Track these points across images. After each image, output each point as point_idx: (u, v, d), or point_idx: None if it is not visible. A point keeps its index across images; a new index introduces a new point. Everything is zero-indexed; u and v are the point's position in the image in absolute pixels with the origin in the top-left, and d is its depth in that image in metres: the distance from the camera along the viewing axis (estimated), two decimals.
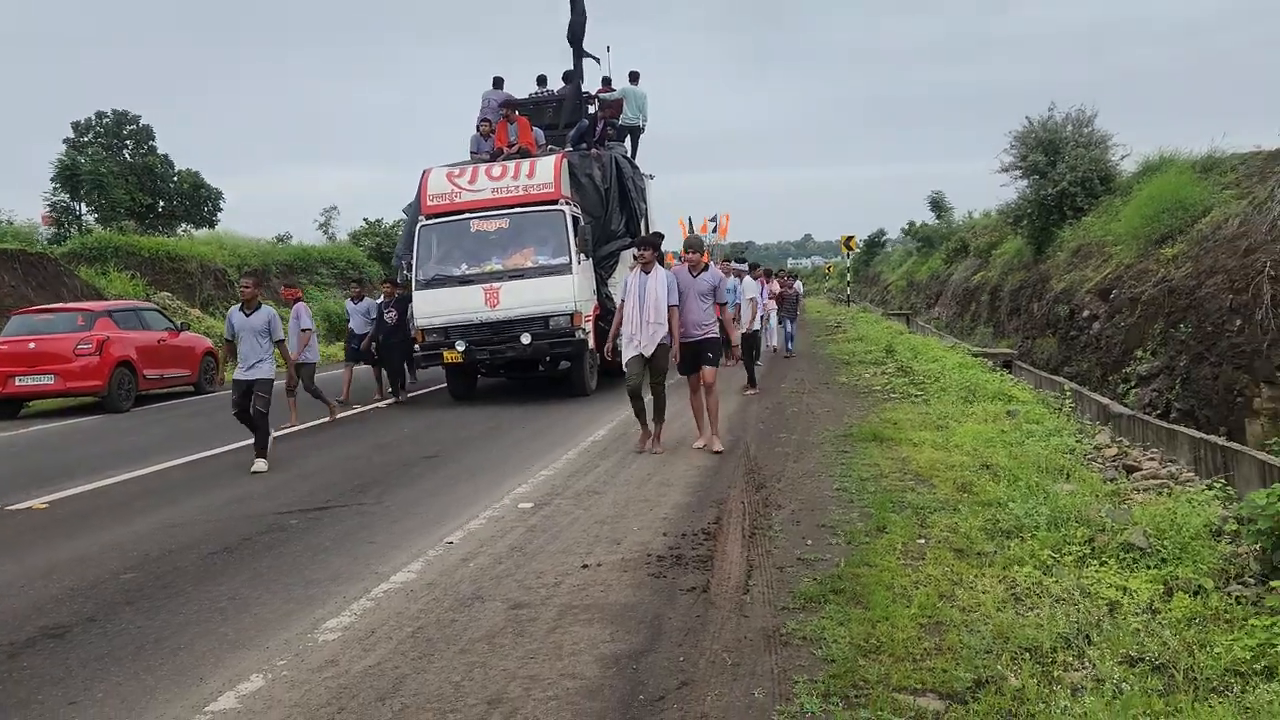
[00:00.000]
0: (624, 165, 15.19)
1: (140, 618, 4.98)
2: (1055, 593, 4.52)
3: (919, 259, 45.98)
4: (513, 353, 13.10)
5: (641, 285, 8.80)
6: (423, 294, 13.46)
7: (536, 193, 13.50)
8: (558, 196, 13.46)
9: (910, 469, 7.59)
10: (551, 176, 13.54)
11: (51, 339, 14.63)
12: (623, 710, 3.59)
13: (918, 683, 3.66)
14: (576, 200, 14.05)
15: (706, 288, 8.89)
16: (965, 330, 27.13)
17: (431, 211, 13.84)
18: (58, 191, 33.77)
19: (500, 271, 13.25)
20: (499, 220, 13.49)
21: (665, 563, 5.46)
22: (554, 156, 13.97)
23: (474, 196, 13.71)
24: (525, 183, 13.60)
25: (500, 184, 13.70)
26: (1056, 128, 21.89)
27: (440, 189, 13.84)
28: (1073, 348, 16.90)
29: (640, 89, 17.72)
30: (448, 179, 13.88)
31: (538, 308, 12.95)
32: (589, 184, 14.34)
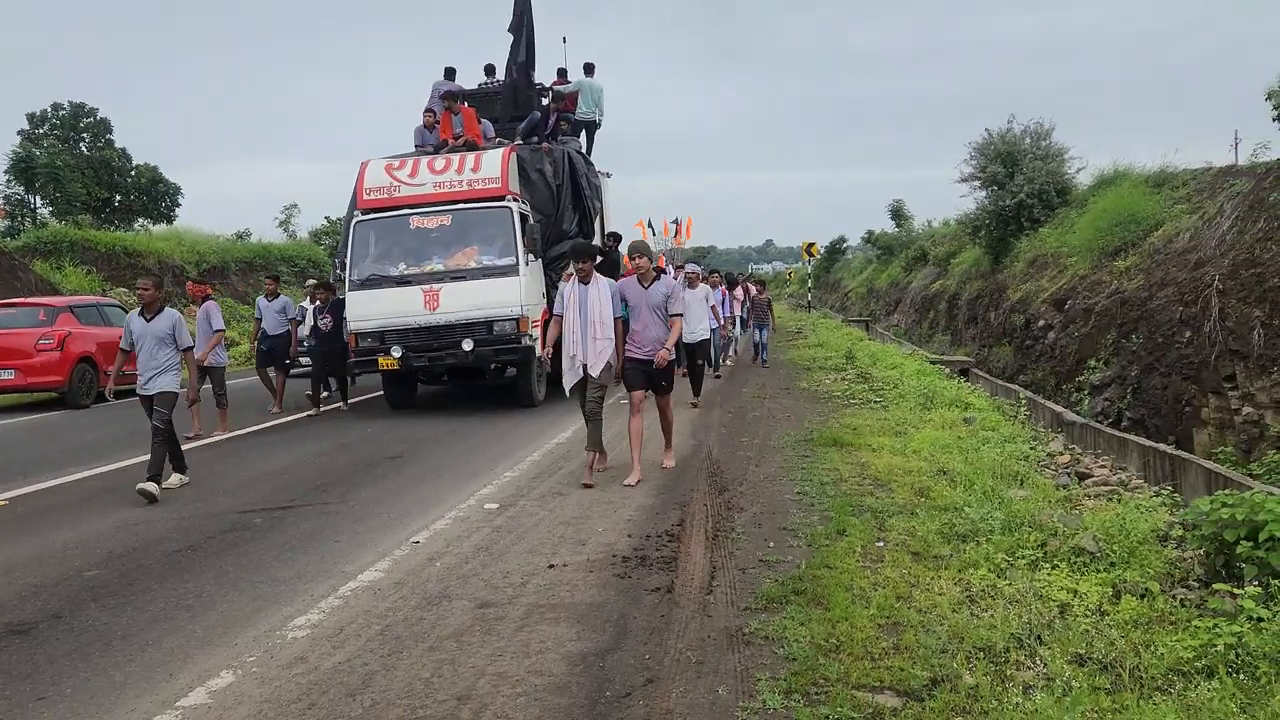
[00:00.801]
0: (578, 161, 14.39)
1: (107, 615, 4.97)
2: (1009, 595, 4.67)
3: (879, 266, 46.54)
4: (453, 360, 12.11)
5: (582, 298, 7.82)
6: (357, 295, 12.41)
7: (482, 188, 12.52)
8: (505, 192, 12.48)
9: (869, 474, 7.75)
10: (499, 171, 12.57)
11: (12, 334, 14.51)
12: (590, 706, 3.67)
13: (876, 681, 3.78)
14: (526, 197, 13.17)
15: (660, 299, 7.84)
16: (924, 337, 27.55)
17: (368, 206, 12.81)
18: (12, 184, 33.13)
19: (441, 272, 12.28)
20: (441, 216, 12.50)
21: (630, 563, 5.55)
22: (502, 149, 13.07)
23: (414, 191, 12.71)
24: (470, 177, 12.59)
25: (443, 178, 12.70)
26: (1015, 140, 22.32)
27: (378, 182, 12.81)
28: (1028, 356, 17.26)
29: (597, 82, 16.80)
30: (386, 171, 12.86)
31: (481, 311, 11.97)
32: (539, 180, 13.48)
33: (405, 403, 13.40)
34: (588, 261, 7.88)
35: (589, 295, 7.82)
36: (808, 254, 46.19)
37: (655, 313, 7.83)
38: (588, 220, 14.26)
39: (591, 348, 7.80)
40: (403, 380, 13.11)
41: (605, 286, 7.91)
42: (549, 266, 13.26)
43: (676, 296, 7.96)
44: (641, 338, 7.88)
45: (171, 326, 8.18)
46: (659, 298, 7.84)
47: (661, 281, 7.94)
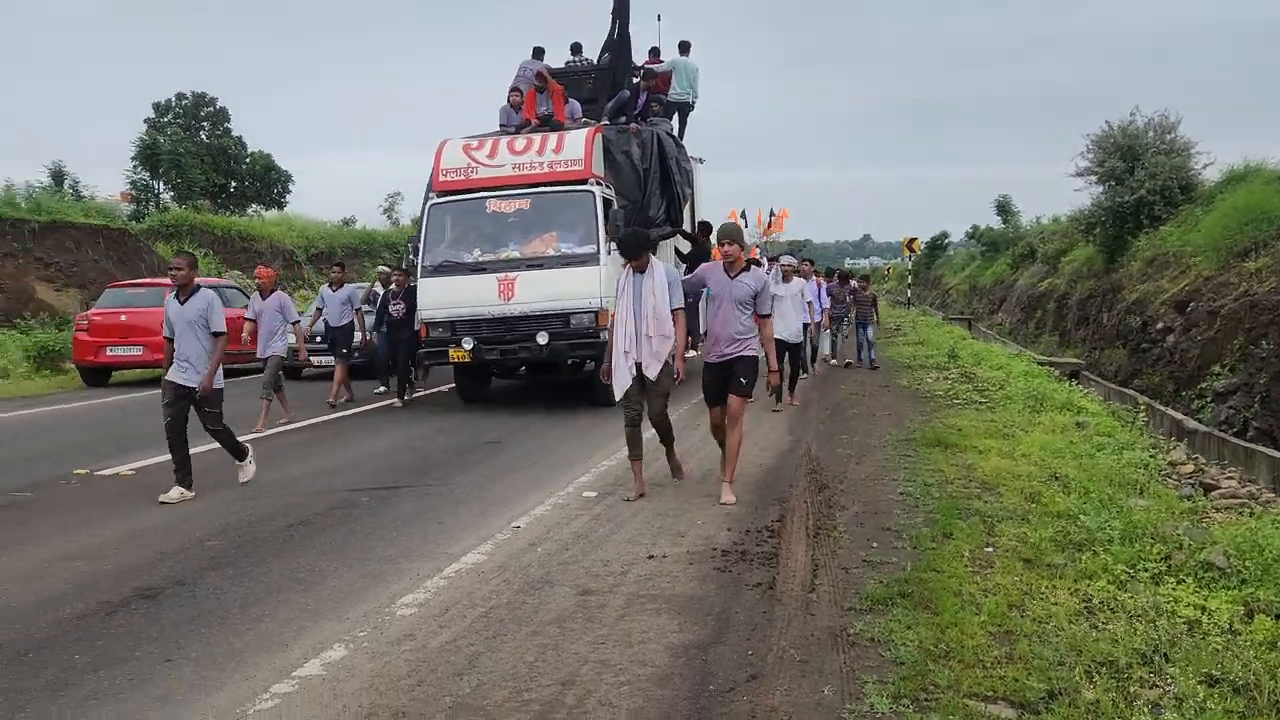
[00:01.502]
0: (667, 144, 13.31)
1: (225, 583, 5.17)
2: (1131, 608, 4.47)
3: (983, 263, 45.26)
4: (527, 353, 11.47)
5: (636, 289, 6.90)
6: (428, 282, 11.74)
7: (564, 170, 11.71)
8: (588, 175, 11.67)
9: (976, 476, 7.53)
10: (582, 152, 11.74)
11: (141, 312, 15.30)
12: (693, 699, 3.65)
13: (989, 690, 3.66)
14: (610, 181, 12.36)
15: (746, 293, 6.83)
16: (1029, 338, 26.68)
17: (444, 188, 12.11)
18: (138, 170, 34.78)
19: (517, 259, 11.54)
20: (519, 200, 11.74)
21: (730, 557, 5.50)
22: (586, 130, 12.24)
23: (492, 172, 11.94)
24: (551, 158, 11.77)
25: (523, 159, 11.89)
26: (1137, 133, 21.34)
27: (454, 163, 12.08)
28: (1144, 360, 16.54)
29: (692, 61, 15.68)
30: (464, 152, 12.11)
31: (558, 303, 11.20)
32: (626, 163, 12.59)
33: (478, 397, 12.87)
34: (639, 259, 6.93)
35: (643, 285, 6.86)
36: (908, 249, 45.27)
37: (739, 308, 6.82)
38: (676, 207, 13.40)
39: (646, 345, 6.85)
40: (475, 373, 12.58)
41: (663, 274, 6.92)
42: None
43: (767, 294, 6.93)
44: (721, 336, 6.89)
45: (204, 310, 7.28)
46: (745, 291, 6.81)
47: (751, 274, 6.92)
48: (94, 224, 24.49)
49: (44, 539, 6.13)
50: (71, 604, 4.87)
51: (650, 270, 6.91)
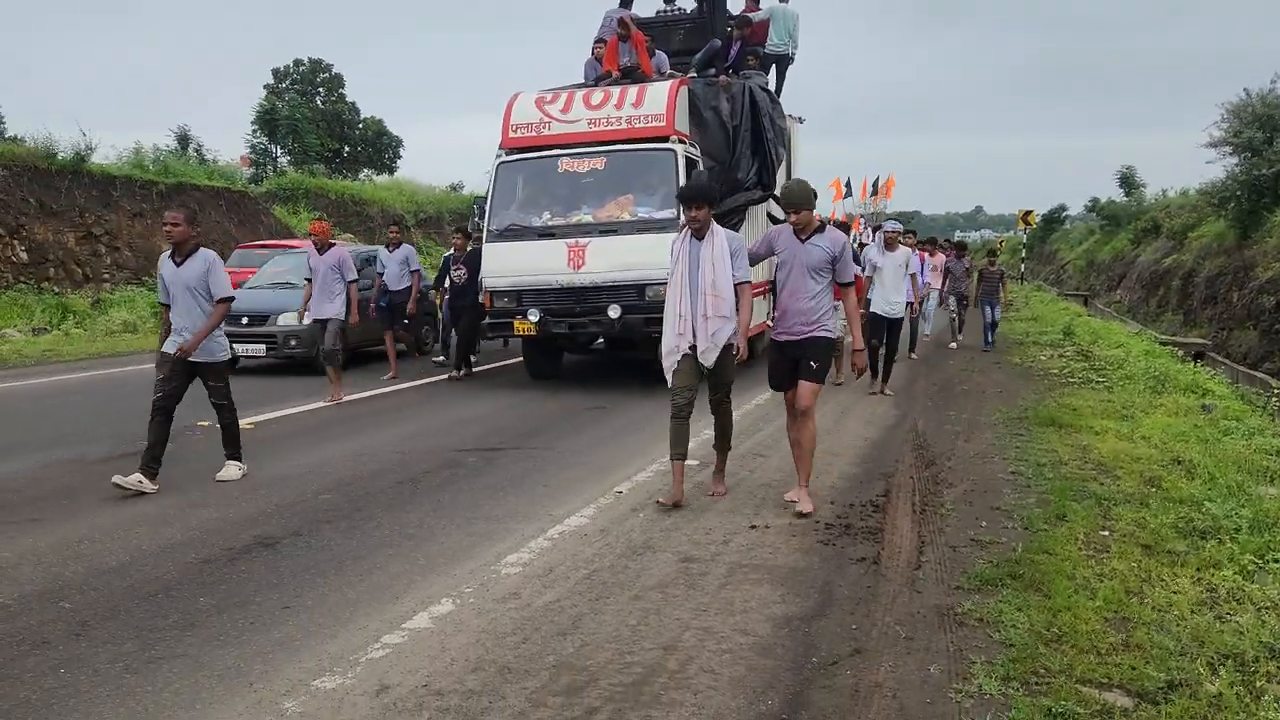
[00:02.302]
0: (761, 99, 11.98)
1: (339, 536, 5.36)
2: (1259, 600, 4.26)
3: (1102, 238, 43.40)
4: (598, 328, 10.51)
5: (693, 257, 5.88)
6: (493, 248, 10.83)
7: (643, 126, 10.68)
8: (670, 132, 10.62)
9: (1091, 458, 7.26)
10: (664, 107, 10.66)
11: None
12: (796, 670, 3.63)
13: (1104, 677, 3.55)
14: (696, 139, 11.33)
15: (821, 259, 5.76)
16: (1150, 317, 25.55)
17: (514, 145, 11.17)
18: (257, 134, 36.04)
19: (590, 224, 10.57)
20: (593, 159, 10.71)
21: (834, 531, 5.45)
22: (670, 82, 11.13)
23: (566, 128, 10.93)
24: (630, 113, 10.74)
25: (599, 114, 10.88)
26: (1277, 102, 20.14)
27: (526, 117, 11.10)
28: (1277, 343, 15.67)
29: (791, 8, 14.22)
30: (536, 105, 11.13)
31: (632, 273, 10.14)
32: (713, 119, 11.46)
33: (548, 374, 11.89)
34: (701, 208, 5.83)
35: (701, 254, 5.84)
36: (1024, 222, 43.62)
37: (813, 276, 5.77)
38: (769, 169, 12.04)
39: (702, 327, 5.82)
40: (545, 348, 11.62)
41: (724, 241, 5.86)
42: (720, 222, 11.96)
43: (847, 259, 5.83)
44: (790, 310, 5.89)
45: (204, 272, 6.50)
46: (820, 257, 5.74)
47: (826, 235, 5.81)
48: (216, 186, 25.51)
49: (170, 488, 6.45)
50: (197, 549, 5.13)
51: (710, 236, 5.84)
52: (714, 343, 5.82)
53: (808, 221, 5.82)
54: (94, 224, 20.79)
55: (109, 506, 6.00)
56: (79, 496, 6.27)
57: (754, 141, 11.73)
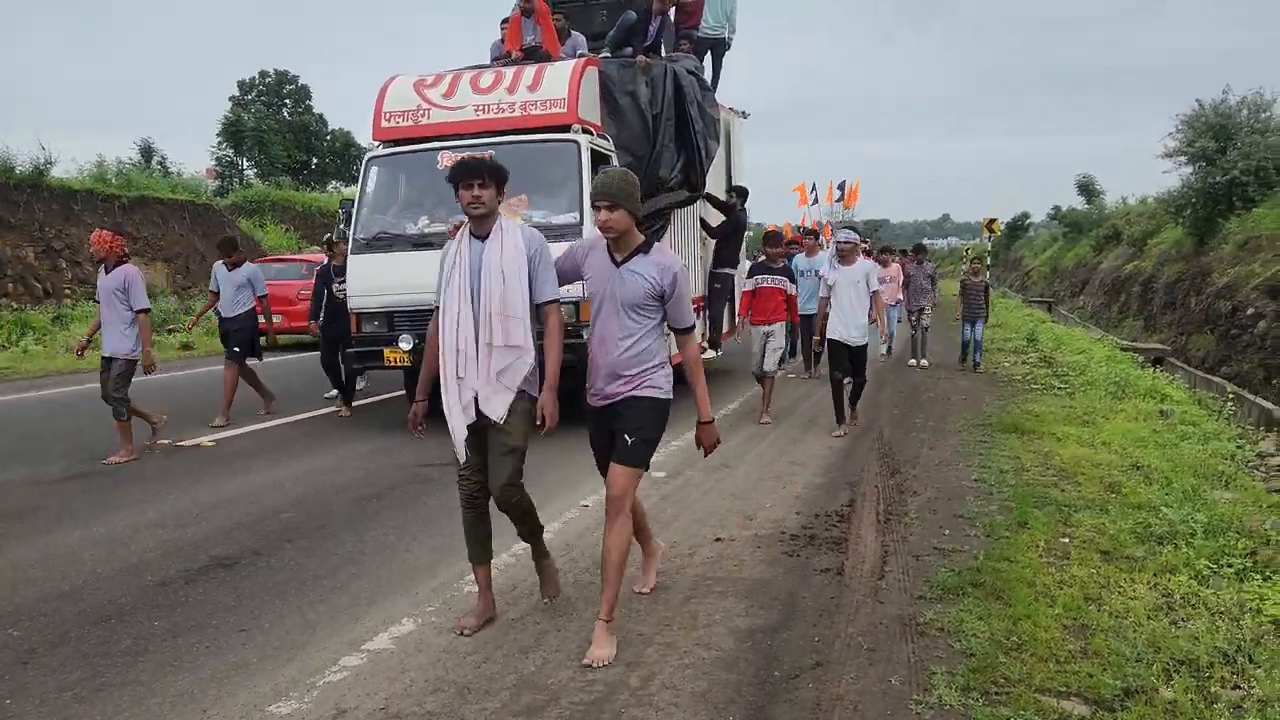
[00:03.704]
0: (687, 84, 10.31)
1: (300, 555, 5.29)
2: (1213, 605, 4.32)
3: (1065, 245, 44.04)
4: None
5: (472, 265, 4.03)
6: (359, 260, 9.16)
7: (541, 113, 9.02)
8: (573, 120, 8.95)
9: (1053, 464, 7.34)
10: (566, 90, 9.00)
11: (282, 284, 16.80)
12: (758, 684, 3.63)
13: (1062, 685, 3.57)
14: (610, 129, 9.68)
15: (642, 293, 3.98)
16: (1112, 322, 25.91)
17: (387, 136, 9.46)
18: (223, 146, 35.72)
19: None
20: (480, 152, 8.22)
21: (799, 541, 5.46)
22: (574, 61, 9.50)
23: (448, 116, 9.28)
24: (526, 97, 9.11)
25: (489, 98, 9.21)
26: (1230, 112, 20.56)
27: (402, 103, 9.44)
28: (1233, 347, 15.94)
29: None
30: (415, 90, 9.49)
31: None
32: (630, 106, 9.77)
33: None
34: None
35: (485, 260, 4.00)
36: (988, 230, 44.09)
37: (631, 315, 3.98)
38: (697, 166, 10.47)
39: (484, 364, 3.99)
40: None
41: (520, 242, 4.06)
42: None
43: (683, 292, 4.03)
44: (600, 362, 4.09)
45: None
46: (641, 291, 3.95)
47: (653, 258, 4.00)
48: (180, 199, 25.22)
49: (127, 507, 6.36)
50: (153, 571, 5.05)
51: (498, 235, 4.03)
52: (501, 384, 3.99)
53: (624, 231, 3.95)
54: (54, 238, 20.49)
55: (63, 528, 5.89)
56: (33, 518, 6.15)
57: (679, 133, 10.12)
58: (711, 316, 11.74)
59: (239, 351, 9.76)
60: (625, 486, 4.04)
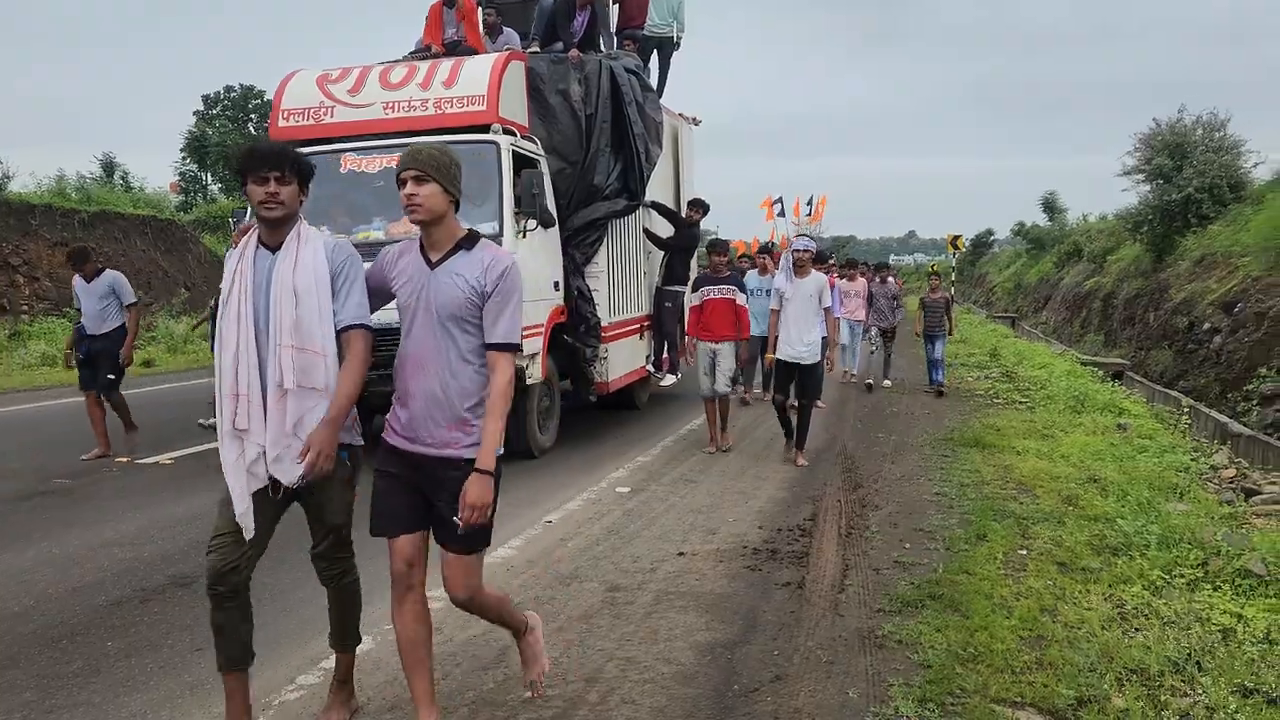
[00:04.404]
0: (625, 83, 9.45)
1: (259, 573, 5.11)
2: (1165, 615, 4.39)
3: (1028, 261, 44.65)
4: (390, 386, 6.76)
5: (257, 282, 3.17)
6: None
7: (457, 111, 8.17)
8: (493, 119, 8.08)
9: (1013, 477, 7.43)
10: (486, 86, 8.15)
11: None
12: (717, 699, 3.64)
13: (1017, 695, 3.62)
14: (541, 131, 8.92)
15: (461, 299, 3.10)
16: (1074, 337, 26.27)
17: (284, 138, 8.07)
18: (186, 161, 35.41)
19: (381, 244, 7.35)
20: (387, 156, 7.99)
21: (761, 556, 5.49)
22: (496, 55, 8.66)
23: (354, 115, 8.41)
24: (441, 94, 8.24)
25: (399, 95, 8.35)
26: (1185, 131, 21.01)
27: (302, 100, 8.57)
28: (1190, 361, 16.23)
29: None
30: (318, 86, 8.61)
31: None
32: (562, 106, 9.02)
33: None
34: (280, 181, 3.13)
35: (276, 277, 3.15)
36: (952, 246, 44.65)
37: (451, 331, 3.14)
38: (636, 172, 9.60)
39: (273, 412, 3.17)
40: None
41: (320, 255, 3.20)
42: (572, 241, 8.95)
43: (506, 302, 3.11)
44: (414, 392, 3.26)
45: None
46: (459, 297, 3.10)
47: (478, 255, 3.13)
48: (142, 214, 24.93)
49: (83, 526, 6.26)
50: (107, 591, 4.98)
51: (293, 245, 3.17)
52: (297, 439, 3.13)
53: (437, 217, 3.05)
54: (11, 254, 20.17)
55: (16, 547, 5.79)
56: None
57: (616, 136, 9.30)
58: (667, 336, 10.94)
59: (113, 380, 8.50)
60: (469, 584, 3.26)
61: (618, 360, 9.56)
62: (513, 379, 3.13)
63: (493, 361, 3.11)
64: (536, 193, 7.71)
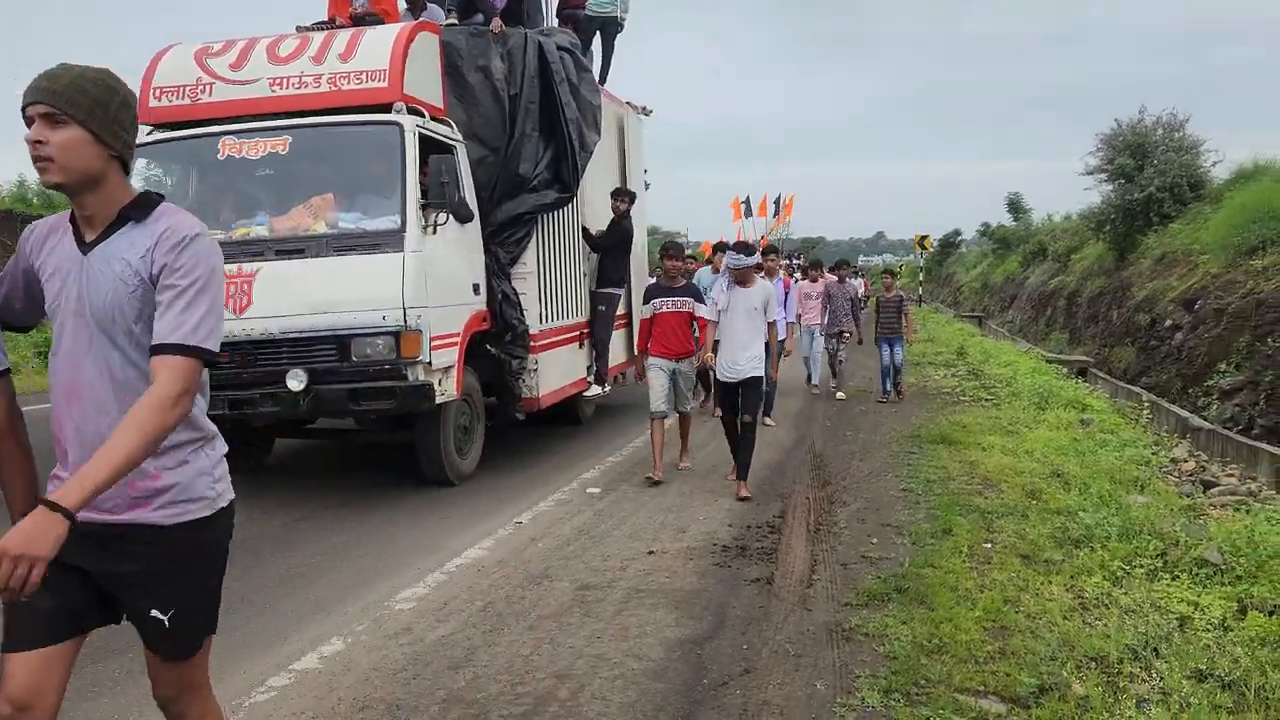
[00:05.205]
0: (557, 61, 8.35)
1: (226, 579, 5.19)
2: (1124, 604, 4.49)
3: (994, 261, 45.12)
4: (274, 406, 6.56)
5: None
6: None
7: (355, 88, 7.08)
8: (397, 98, 7.02)
9: (978, 473, 7.54)
10: (387, 59, 7.09)
11: None
12: (686, 693, 3.68)
13: (980, 685, 3.68)
14: (460, 114, 7.85)
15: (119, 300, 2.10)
16: (1039, 335, 26.61)
17: (156, 119, 7.34)
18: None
19: (263, 241, 6.73)
20: (272, 139, 6.94)
21: (730, 553, 5.54)
22: (400, 25, 7.66)
23: (236, 93, 7.24)
24: (337, 69, 7.14)
25: (288, 70, 7.22)
26: (1146, 131, 21.33)
27: (177, 77, 7.36)
28: (1152, 358, 16.50)
29: None
30: (196, 61, 7.40)
31: (329, 316, 6.48)
32: (482, 86, 7.92)
33: (250, 467, 7.77)
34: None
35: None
36: (920, 247, 45.10)
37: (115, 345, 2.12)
38: (569, 161, 8.45)
39: None
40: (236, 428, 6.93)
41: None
42: (495, 238, 7.88)
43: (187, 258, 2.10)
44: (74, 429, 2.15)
45: None
46: (116, 299, 2.11)
47: (150, 227, 2.13)
48: None
49: None
50: None
51: None
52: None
53: (82, 176, 2.11)
54: None
55: None
56: None
57: (545, 120, 8.22)
58: (596, 344, 9.66)
59: None
60: (183, 683, 2.39)
61: (551, 372, 8.48)
62: (182, 398, 2.03)
63: (155, 368, 2.04)
64: (446, 181, 6.73)
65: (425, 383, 6.63)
